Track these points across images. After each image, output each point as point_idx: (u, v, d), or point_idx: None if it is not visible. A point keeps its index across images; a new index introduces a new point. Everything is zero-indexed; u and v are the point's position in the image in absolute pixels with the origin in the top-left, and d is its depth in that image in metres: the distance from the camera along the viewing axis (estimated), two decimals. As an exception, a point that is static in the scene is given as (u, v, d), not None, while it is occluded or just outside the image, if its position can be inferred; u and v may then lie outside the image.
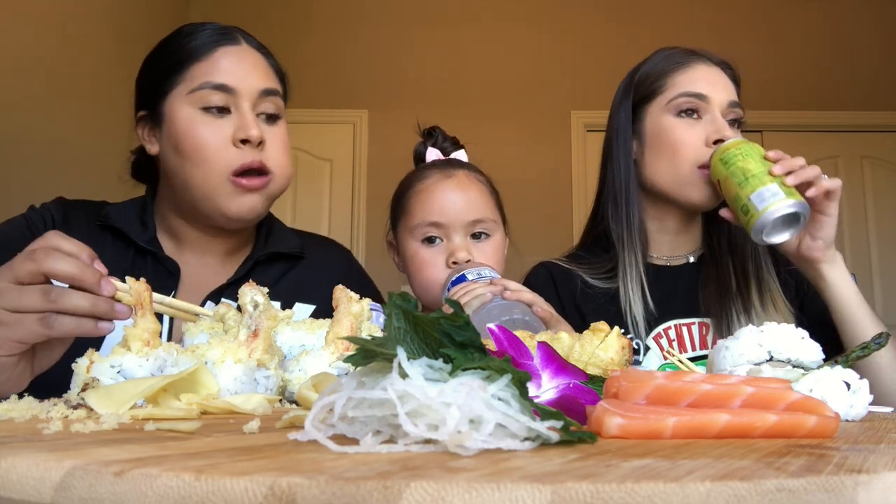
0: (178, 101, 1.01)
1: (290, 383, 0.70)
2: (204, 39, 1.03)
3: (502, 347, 0.51)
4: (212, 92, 0.99)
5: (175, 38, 1.06)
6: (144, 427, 0.44)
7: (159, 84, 1.03)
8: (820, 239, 1.03)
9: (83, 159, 2.90)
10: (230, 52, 1.03)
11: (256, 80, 1.02)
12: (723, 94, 1.15)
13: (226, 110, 1.00)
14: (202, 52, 1.02)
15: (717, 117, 1.13)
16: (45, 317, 0.66)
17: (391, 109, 3.93)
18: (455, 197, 1.12)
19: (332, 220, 4.01)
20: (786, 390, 0.47)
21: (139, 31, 3.46)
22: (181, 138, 0.99)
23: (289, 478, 0.27)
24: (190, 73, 1.01)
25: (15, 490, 0.30)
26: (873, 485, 0.30)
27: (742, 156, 1.04)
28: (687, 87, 1.16)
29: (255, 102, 1.02)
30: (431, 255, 1.12)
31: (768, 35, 4.09)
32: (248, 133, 0.98)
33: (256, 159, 0.99)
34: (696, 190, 1.13)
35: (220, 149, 0.98)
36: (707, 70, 1.18)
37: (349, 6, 4.16)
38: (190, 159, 0.98)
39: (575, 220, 3.85)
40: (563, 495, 0.27)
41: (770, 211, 0.97)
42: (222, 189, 0.99)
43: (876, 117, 4.06)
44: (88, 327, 0.67)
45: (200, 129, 0.98)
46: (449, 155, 1.23)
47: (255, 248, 1.12)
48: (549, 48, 4.12)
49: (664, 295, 1.17)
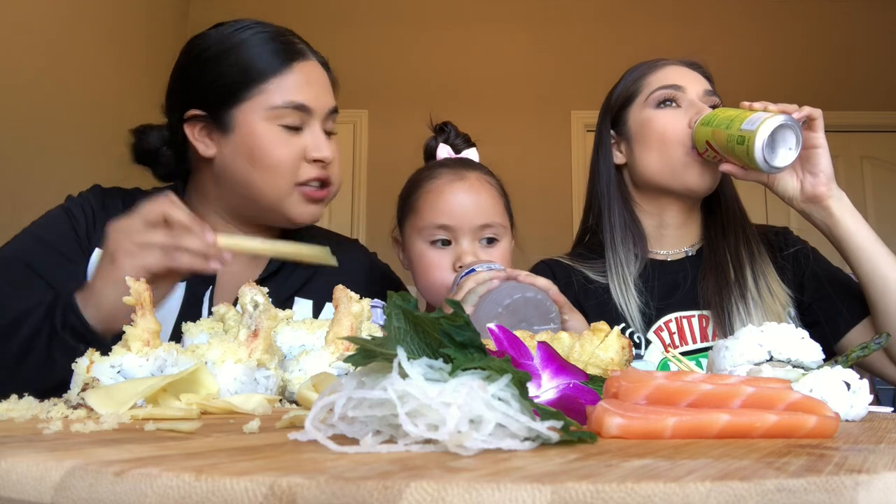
0: (254, 114, 1.02)
1: (290, 383, 0.70)
2: (276, 50, 1.05)
3: (502, 347, 0.51)
4: (292, 112, 1.03)
5: (242, 47, 1.05)
6: (144, 427, 0.44)
7: (229, 92, 1.03)
8: (821, 172, 1.07)
9: (83, 158, 2.90)
10: (304, 69, 1.06)
11: (328, 99, 1.08)
12: (696, 84, 1.19)
13: (299, 127, 1.04)
14: (278, 67, 1.04)
15: (695, 101, 1.17)
16: (167, 251, 0.82)
17: (391, 109, 3.93)
18: (465, 200, 1.10)
19: (332, 219, 4.01)
20: (786, 390, 0.47)
21: (139, 31, 3.46)
22: (259, 152, 1.02)
23: (289, 478, 0.27)
24: (266, 87, 1.03)
25: (15, 490, 0.30)
26: (873, 485, 0.30)
27: (721, 111, 1.10)
28: (661, 82, 1.20)
29: (323, 120, 1.07)
30: (439, 257, 1.10)
31: (768, 35, 4.09)
32: (323, 154, 1.04)
33: (324, 174, 1.06)
34: (690, 173, 1.15)
35: (293, 163, 1.03)
36: (676, 68, 1.22)
37: (349, 6, 4.16)
38: (263, 170, 1.03)
39: (575, 220, 3.84)
40: (563, 495, 0.27)
41: (765, 125, 1.01)
42: (291, 198, 1.05)
43: (876, 117, 4.06)
44: (200, 264, 0.83)
45: (278, 145, 1.03)
46: (460, 152, 1.22)
47: None
48: (549, 48, 4.12)
49: (666, 289, 1.18)
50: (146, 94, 3.68)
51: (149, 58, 3.57)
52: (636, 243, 1.20)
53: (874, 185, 4.07)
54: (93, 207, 1.05)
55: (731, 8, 4.11)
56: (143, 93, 3.55)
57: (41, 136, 2.69)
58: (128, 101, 3.56)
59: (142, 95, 3.38)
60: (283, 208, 1.05)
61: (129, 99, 3.66)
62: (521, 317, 0.91)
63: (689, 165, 1.14)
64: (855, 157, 4.08)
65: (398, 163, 1.27)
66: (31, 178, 2.56)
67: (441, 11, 4.16)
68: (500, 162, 1.20)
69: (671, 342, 1.15)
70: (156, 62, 3.90)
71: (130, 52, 3.35)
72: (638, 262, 1.19)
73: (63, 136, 2.82)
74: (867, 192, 4.06)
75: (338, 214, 4.04)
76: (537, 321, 0.92)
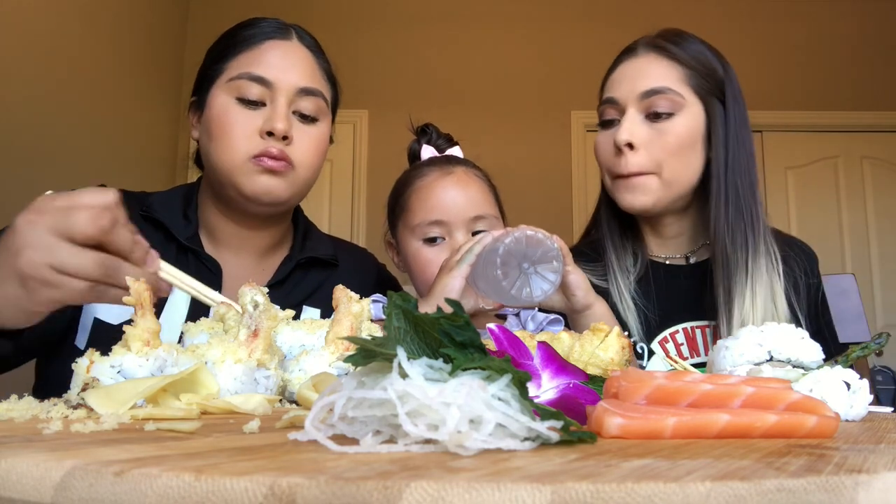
0: (218, 89, 1.02)
1: (290, 383, 0.70)
2: (255, 31, 1.04)
3: (502, 347, 0.51)
4: (249, 83, 1.00)
5: (232, 30, 1.07)
6: (144, 427, 0.44)
7: (207, 71, 1.05)
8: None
9: (83, 158, 2.90)
10: (277, 46, 1.03)
11: (297, 78, 1.02)
12: (636, 84, 1.11)
13: (261, 103, 1.01)
14: (250, 44, 1.03)
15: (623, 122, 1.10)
16: (94, 286, 0.66)
17: (391, 109, 3.93)
18: (455, 194, 1.10)
19: (332, 220, 4.01)
20: (786, 390, 0.47)
21: (139, 31, 3.46)
22: (213, 123, 1.00)
23: (289, 478, 0.27)
24: (235, 62, 1.02)
25: (15, 490, 0.30)
26: (873, 485, 0.30)
27: None
28: (606, 91, 1.15)
29: (291, 99, 1.02)
30: (434, 254, 1.10)
31: (768, 35, 4.09)
32: (273, 125, 0.99)
33: (279, 150, 1.00)
34: (619, 196, 1.13)
35: (246, 136, 0.99)
36: (626, 66, 1.14)
37: (349, 6, 4.16)
38: (216, 142, 1.00)
39: (575, 220, 3.85)
40: (563, 495, 0.27)
41: None
42: (243, 168, 1.00)
43: (876, 117, 4.06)
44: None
45: (232, 117, 1.00)
46: (444, 152, 1.22)
47: (292, 249, 1.13)
48: (549, 48, 4.12)
49: (667, 296, 1.16)
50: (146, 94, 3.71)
51: (149, 58, 3.57)
52: (635, 247, 1.18)
53: (874, 185, 4.07)
54: None
55: (730, 8, 4.11)
56: (144, 92, 3.57)
57: (41, 136, 2.69)
58: (128, 100, 3.57)
59: (142, 95, 3.40)
60: (236, 180, 1.01)
61: (130, 99, 3.67)
62: (521, 257, 0.88)
63: (615, 188, 1.13)
64: (855, 157, 4.08)
65: (398, 163, 1.27)
66: (31, 178, 2.56)
67: (441, 12, 4.16)
68: (501, 162, 1.21)
69: (678, 353, 1.12)
70: (156, 62, 3.91)
71: (131, 52, 3.34)
72: (638, 265, 1.17)
73: (63, 136, 2.82)
74: (867, 192, 4.07)
75: (338, 214, 4.04)
76: (539, 259, 0.89)
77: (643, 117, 1.10)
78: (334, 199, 4.06)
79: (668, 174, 1.10)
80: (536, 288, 0.89)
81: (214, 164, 1.02)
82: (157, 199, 1.08)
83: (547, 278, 0.89)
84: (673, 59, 1.12)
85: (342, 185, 4.07)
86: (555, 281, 0.90)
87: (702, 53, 1.15)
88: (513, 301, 0.90)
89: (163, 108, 3.54)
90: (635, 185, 1.10)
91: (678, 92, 1.10)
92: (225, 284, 1.05)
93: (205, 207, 1.09)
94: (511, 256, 0.88)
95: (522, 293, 0.88)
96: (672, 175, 1.10)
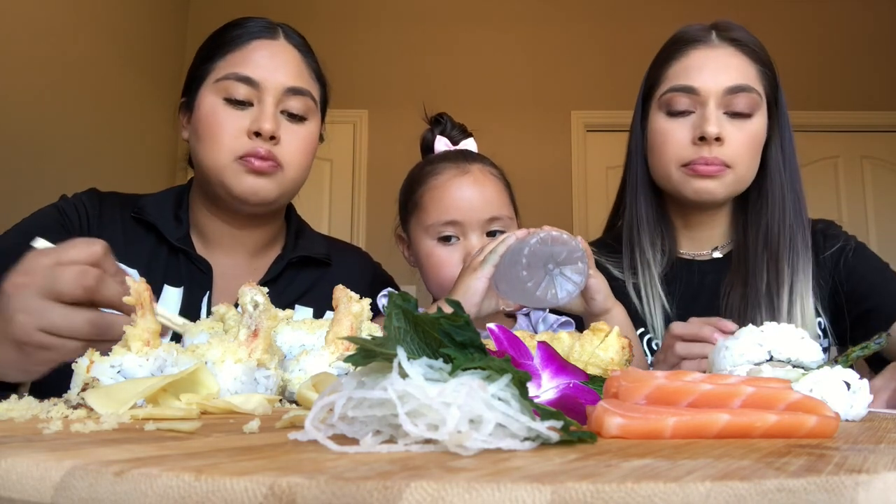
0: (207, 89, 1.02)
1: (290, 383, 0.70)
2: (242, 31, 1.04)
3: (502, 347, 0.51)
4: (236, 83, 1.00)
5: (220, 31, 1.07)
6: (144, 427, 0.44)
7: (196, 72, 1.05)
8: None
9: (83, 158, 2.90)
10: (264, 46, 1.03)
11: (284, 77, 1.02)
12: (716, 78, 1.10)
13: (248, 104, 1.01)
14: (237, 44, 1.03)
15: (704, 112, 1.09)
16: (87, 344, 0.65)
17: (391, 109, 3.94)
18: (471, 194, 1.08)
19: (332, 220, 4.01)
20: (786, 390, 0.47)
21: (140, 31, 3.46)
22: (201, 124, 1.01)
23: (289, 478, 0.27)
24: (223, 62, 1.02)
25: (15, 490, 0.30)
26: (873, 485, 0.30)
27: None
28: (674, 81, 1.13)
29: (279, 99, 1.02)
30: (448, 254, 1.08)
31: (768, 35, 4.07)
32: (261, 126, 0.99)
33: (265, 150, 1.00)
34: (686, 189, 1.12)
35: (233, 136, 0.99)
36: (704, 55, 1.13)
37: (349, 6, 4.16)
38: (204, 142, 1.00)
39: (575, 220, 3.85)
40: (563, 495, 0.27)
41: None
42: (230, 168, 1.00)
43: (876, 117, 4.06)
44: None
45: (219, 117, 1.00)
46: (458, 143, 1.19)
47: (284, 248, 1.12)
48: (549, 48, 4.12)
49: (689, 292, 1.15)
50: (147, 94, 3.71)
51: (149, 58, 3.57)
52: (664, 240, 1.16)
53: (874, 185, 4.07)
54: (87, 211, 1.04)
55: (730, 9, 4.11)
56: (144, 92, 3.56)
57: (41, 137, 2.69)
58: (128, 100, 3.57)
59: (142, 95, 3.39)
60: (224, 181, 1.01)
61: (130, 99, 3.67)
62: (547, 258, 0.87)
63: (684, 182, 1.12)
64: (855, 157, 4.08)
65: (398, 163, 1.27)
66: (32, 178, 2.56)
67: (442, 12, 4.16)
68: (500, 162, 1.20)
69: None
70: (156, 62, 3.91)
71: (131, 52, 3.34)
72: (665, 259, 1.15)
73: (63, 136, 2.82)
74: (867, 192, 4.07)
75: (338, 214, 4.04)
76: (565, 260, 0.87)
77: (721, 112, 1.11)
78: (334, 199, 4.06)
79: (741, 171, 1.12)
80: (561, 289, 0.88)
81: (203, 165, 1.02)
82: (149, 201, 1.08)
83: (572, 279, 0.88)
84: (749, 56, 1.14)
85: (342, 185, 4.07)
86: (580, 282, 0.88)
87: (765, 51, 1.16)
88: (536, 302, 0.89)
89: (163, 108, 3.54)
90: (714, 176, 1.10)
91: (758, 91, 1.12)
92: (216, 284, 1.04)
93: (196, 208, 1.09)
94: (536, 257, 0.86)
95: (547, 294, 0.87)
96: (744, 172, 1.13)
